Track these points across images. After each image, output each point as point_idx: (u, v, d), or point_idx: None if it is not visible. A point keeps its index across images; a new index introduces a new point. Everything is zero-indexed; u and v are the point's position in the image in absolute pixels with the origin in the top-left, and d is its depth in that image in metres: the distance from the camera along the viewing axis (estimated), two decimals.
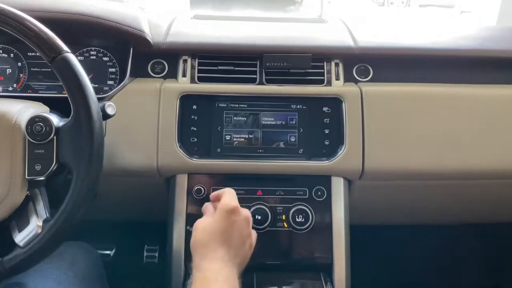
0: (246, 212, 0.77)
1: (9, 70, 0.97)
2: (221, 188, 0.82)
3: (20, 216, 0.71)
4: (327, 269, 0.90)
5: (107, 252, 1.23)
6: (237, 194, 0.89)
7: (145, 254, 1.22)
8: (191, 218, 0.86)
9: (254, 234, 0.81)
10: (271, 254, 0.90)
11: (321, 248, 0.90)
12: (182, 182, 0.90)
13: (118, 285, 0.97)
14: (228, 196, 0.77)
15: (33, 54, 0.97)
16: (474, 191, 1.02)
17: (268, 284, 0.86)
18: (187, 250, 0.87)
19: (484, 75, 0.99)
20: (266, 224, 0.88)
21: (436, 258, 1.45)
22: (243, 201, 0.89)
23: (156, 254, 1.22)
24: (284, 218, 0.89)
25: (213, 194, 0.83)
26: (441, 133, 0.92)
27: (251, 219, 0.78)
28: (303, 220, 0.89)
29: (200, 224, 0.75)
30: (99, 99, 0.71)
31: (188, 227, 0.88)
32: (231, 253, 0.71)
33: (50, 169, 0.69)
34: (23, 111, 0.72)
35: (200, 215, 0.80)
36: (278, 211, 0.90)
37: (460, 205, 1.09)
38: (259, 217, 0.88)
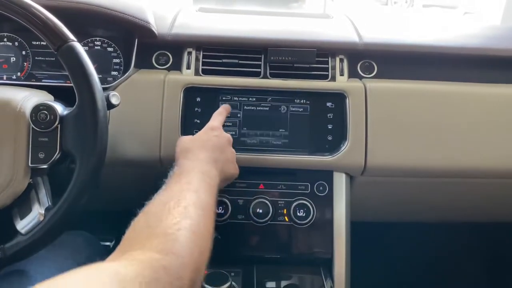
0: (227, 134, 0.83)
1: (13, 59, 0.97)
2: None
3: (22, 203, 0.71)
4: (327, 264, 0.90)
5: (107, 243, 1.23)
6: (239, 187, 0.89)
7: None
8: None
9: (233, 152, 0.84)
10: (271, 247, 0.90)
11: (321, 243, 0.90)
12: None
13: None
14: (214, 118, 0.85)
15: (37, 43, 0.97)
16: (477, 189, 1.01)
17: (268, 277, 0.86)
18: None
19: (488, 74, 0.98)
20: (267, 218, 0.88)
21: (436, 255, 1.45)
22: (245, 194, 0.90)
23: None
24: (285, 212, 0.90)
25: None
26: (444, 131, 0.92)
27: (231, 140, 0.83)
28: (304, 215, 0.89)
29: (182, 138, 0.80)
30: (103, 90, 0.71)
31: None
32: (212, 157, 0.74)
33: (54, 157, 0.69)
34: (27, 98, 0.72)
35: None
36: (279, 205, 0.90)
37: (462, 204, 1.09)
38: (260, 211, 0.88)
